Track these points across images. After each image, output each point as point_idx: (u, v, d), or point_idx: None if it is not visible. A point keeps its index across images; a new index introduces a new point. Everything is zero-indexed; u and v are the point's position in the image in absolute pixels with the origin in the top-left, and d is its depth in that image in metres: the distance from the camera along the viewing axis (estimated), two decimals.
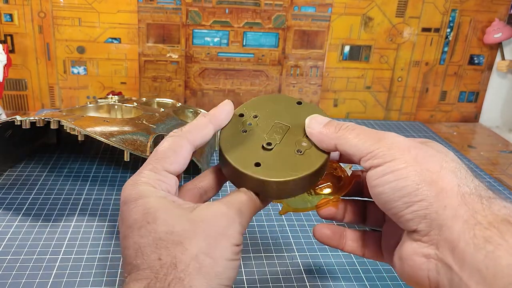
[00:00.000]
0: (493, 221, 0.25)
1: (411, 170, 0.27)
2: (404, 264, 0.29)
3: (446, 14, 0.84)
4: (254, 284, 0.42)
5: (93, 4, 0.76)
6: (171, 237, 0.29)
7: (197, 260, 0.28)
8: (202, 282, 0.28)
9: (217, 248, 0.29)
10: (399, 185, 0.27)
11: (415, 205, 0.27)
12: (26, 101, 0.81)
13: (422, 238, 0.27)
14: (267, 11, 0.80)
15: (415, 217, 0.27)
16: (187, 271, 0.28)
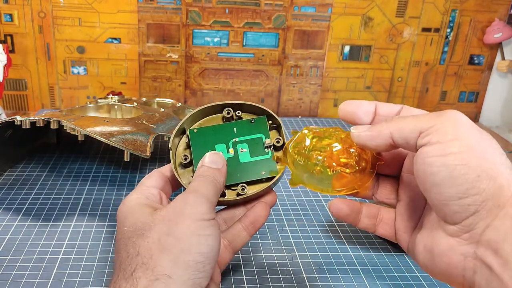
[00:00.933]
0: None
1: (474, 157, 0.25)
2: (437, 259, 0.27)
3: (446, 14, 0.84)
4: (254, 284, 0.42)
5: (93, 4, 0.76)
6: (135, 233, 0.31)
7: (159, 243, 0.30)
8: (166, 260, 0.30)
9: (178, 227, 0.31)
10: (457, 171, 0.24)
11: (470, 198, 0.24)
12: (26, 101, 0.81)
13: (462, 235, 0.25)
14: (267, 11, 0.80)
15: (463, 211, 0.25)
16: (150, 255, 0.30)
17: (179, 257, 0.30)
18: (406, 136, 0.27)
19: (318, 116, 0.89)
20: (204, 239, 0.31)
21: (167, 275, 0.29)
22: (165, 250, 0.30)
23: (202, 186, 0.34)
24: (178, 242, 0.30)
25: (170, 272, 0.29)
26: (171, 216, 0.31)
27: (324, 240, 0.49)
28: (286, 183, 0.60)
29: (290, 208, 0.55)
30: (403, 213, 0.32)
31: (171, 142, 0.38)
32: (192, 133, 0.38)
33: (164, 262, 0.29)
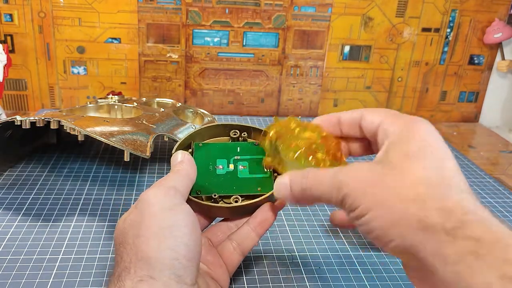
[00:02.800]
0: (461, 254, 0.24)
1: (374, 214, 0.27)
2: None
3: (446, 14, 0.84)
4: (254, 284, 0.42)
5: (93, 4, 0.76)
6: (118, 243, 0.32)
7: (134, 245, 0.31)
8: (143, 262, 0.30)
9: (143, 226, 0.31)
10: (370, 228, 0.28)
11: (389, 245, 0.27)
12: (26, 101, 0.81)
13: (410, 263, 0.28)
14: (267, 11, 0.80)
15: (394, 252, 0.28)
16: (129, 259, 0.30)
17: (151, 257, 0.30)
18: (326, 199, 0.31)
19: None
20: (169, 231, 0.30)
21: (149, 276, 0.29)
22: (139, 252, 0.30)
23: (166, 177, 0.35)
24: (147, 242, 0.30)
25: (150, 273, 0.29)
26: (137, 216, 0.32)
27: (324, 240, 0.49)
28: None
29: (290, 208, 0.55)
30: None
31: (174, 149, 0.38)
32: (197, 146, 0.39)
33: (141, 265, 0.30)
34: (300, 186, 0.32)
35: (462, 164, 0.71)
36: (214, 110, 0.86)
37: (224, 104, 0.86)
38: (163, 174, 0.61)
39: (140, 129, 0.53)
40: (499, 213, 0.57)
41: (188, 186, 0.35)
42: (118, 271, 0.31)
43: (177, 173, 0.35)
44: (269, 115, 0.88)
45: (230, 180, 0.38)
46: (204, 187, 0.37)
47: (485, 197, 0.61)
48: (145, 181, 0.59)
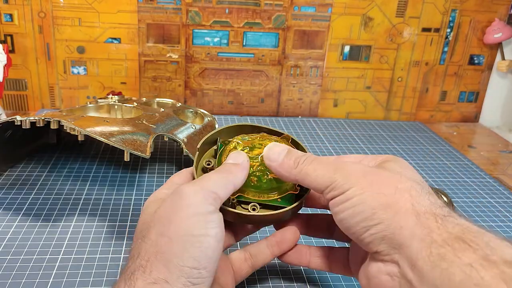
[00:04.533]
0: (447, 239, 0.26)
1: (367, 195, 0.29)
2: (371, 282, 0.30)
3: (446, 14, 0.84)
4: (254, 284, 0.42)
5: (93, 4, 0.76)
6: (141, 233, 0.31)
7: (155, 244, 0.29)
8: (161, 264, 0.28)
9: (171, 225, 0.29)
10: (356, 211, 0.29)
11: (373, 228, 0.28)
12: (26, 101, 0.81)
13: (384, 258, 0.29)
14: (267, 11, 0.80)
15: (374, 239, 0.29)
16: (148, 258, 0.29)
17: (171, 261, 0.28)
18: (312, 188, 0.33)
19: (318, 116, 0.89)
20: (197, 240, 0.29)
21: (164, 279, 0.28)
22: (159, 253, 0.29)
23: (210, 177, 0.32)
24: (170, 244, 0.29)
25: (166, 277, 0.28)
26: (167, 212, 0.30)
27: (324, 240, 0.49)
28: None
29: None
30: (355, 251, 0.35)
31: (200, 144, 0.38)
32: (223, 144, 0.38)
33: (159, 266, 0.28)
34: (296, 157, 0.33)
35: (462, 164, 0.71)
36: (214, 110, 0.86)
37: (224, 104, 0.86)
38: (163, 174, 0.61)
39: (140, 129, 0.53)
40: (499, 213, 0.57)
41: (229, 194, 0.33)
42: (132, 267, 0.29)
43: (225, 176, 0.33)
44: (269, 115, 0.88)
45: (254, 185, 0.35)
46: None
47: (485, 197, 0.61)
48: (145, 181, 0.59)
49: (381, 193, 0.29)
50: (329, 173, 0.31)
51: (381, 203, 0.28)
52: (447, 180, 0.65)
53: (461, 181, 0.66)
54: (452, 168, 0.70)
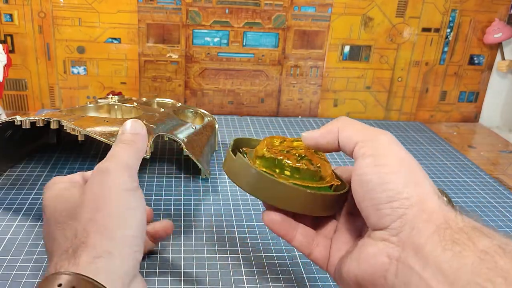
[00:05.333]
0: (464, 227, 0.26)
1: (402, 169, 0.29)
2: (361, 264, 0.29)
3: (446, 14, 0.84)
4: (254, 284, 0.42)
5: (93, 4, 0.76)
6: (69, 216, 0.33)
7: (92, 221, 0.31)
8: (103, 237, 0.31)
9: (105, 202, 0.32)
10: (388, 177, 0.28)
11: (398, 201, 0.28)
12: (26, 101, 0.81)
13: (390, 238, 0.28)
14: (267, 11, 0.80)
15: (393, 213, 0.28)
16: (87, 234, 0.31)
17: (115, 233, 0.31)
18: (347, 141, 0.31)
19: (318, 116, 0.89)
20: (133, 212, 0.32)
21: (107, 251, 0.30)
22: (99, 228, 0.31)
23: (123, 152, 0.35)
24: (110, 218, 0.31)
25: (110, 248, 0.30)
26: (97, 191, 0.33)
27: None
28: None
29: None
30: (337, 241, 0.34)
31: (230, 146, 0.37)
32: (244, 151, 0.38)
33: (101, 240, 0.30)
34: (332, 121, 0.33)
35: (462, 164, 0.71)
36: (214, 110, 0.86)
37: (224, 104, 0.86)
38: (163, 174, 0.61)
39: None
40: (499, 213, 0.57)
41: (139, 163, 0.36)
42: (73, 246, 0.31)
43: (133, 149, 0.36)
44: (269, 115, 0.88)
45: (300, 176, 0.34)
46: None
47: (485, 197, 0.61)
48: (145, 181, 0.59)
49: (412, 171, 0.29)
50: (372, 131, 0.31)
51: (413, 180, 0.28)
52: (447, 180, 0.65)
53: (461, 181, 0.66)
54: (452, 168, 0.70)
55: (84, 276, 0.28)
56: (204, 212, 0.53)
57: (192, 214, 0.52)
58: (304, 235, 0.35)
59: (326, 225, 0.36)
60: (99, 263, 0.29)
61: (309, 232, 0.36)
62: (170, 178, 0.60)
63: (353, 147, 0.31)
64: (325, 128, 0.33)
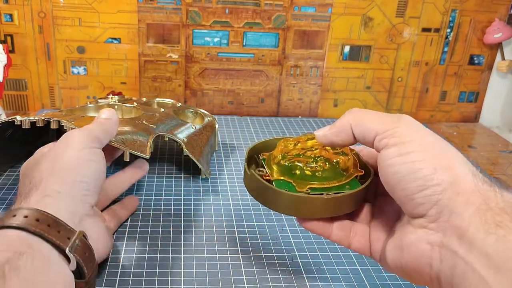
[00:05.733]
0: (505, 207, 0.24)
1: (429, 154, 0.27)
2: (405, 252, 0.28)
3: (446, 14, 0.84)
4: (254, 284, 0.42)
5: (93, 4, 0.76)
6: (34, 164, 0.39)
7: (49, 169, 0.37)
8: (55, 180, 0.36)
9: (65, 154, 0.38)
10: (415, 166, 0.27)
11: (430, 189, 0.26)
12: (26, 101, 0.81)
13: (429, 225, 0.27)
14: (267, 11, 0.80)
15: (427, 201, 0.27)
16: (40, 179, 0.36)
17: (66, 177, 0.37)
18: (364, 135, 0.30)
19: (318, 116, 0.89)
20: (88, 163, 0.38)
21: (56, 191, 0.35)
22: (54, 173, 0.37)
23: (92, 125, 0.42)
24: (65, 166, 0.37)
25: (59, 188, 0.36)
26: (59, 146, 0.39)
27: (324, 240, 0.49)
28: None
29: None
30: (376, 227, 0.33)
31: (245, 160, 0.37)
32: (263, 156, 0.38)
33: (53, 182, 0.36)
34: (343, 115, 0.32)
35: None
36: (214, 110, 0.86)
37: (224, 104, 0.86)
38: (163, 174, 0.61)
39: (140, 129, 0.53)
40: None
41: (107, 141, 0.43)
42: (26, 190, 0.36)
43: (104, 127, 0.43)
44: (269, 115, 0.88)
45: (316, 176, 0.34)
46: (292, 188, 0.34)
47: None
48: (145, 181, 0.59)
49: (442, 155, 0.27)
50: (390, 120, 0.29)
51: (442, 164, 0.27)
52: None
53: None
54: None
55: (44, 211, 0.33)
56: (204, 212, 0.53)
57: (192, 214, 0.52)
58: (340, 228, 0.34)
59: (361, 213, 0.35)
60: (47, 200, 0.35)
61: (346, 224, 0.35)
62: (170, 178, 0.60)
63: (373, 140, 0.29)
64: (337, 125, 0.31)
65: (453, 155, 0.28)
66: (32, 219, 0.33)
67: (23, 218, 0.32)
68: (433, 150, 0.27)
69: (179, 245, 0.47)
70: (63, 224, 0.34)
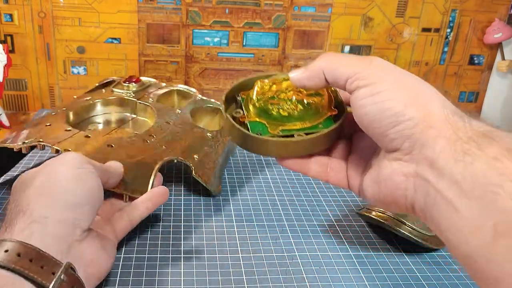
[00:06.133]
0: (473, 136, 0.25)
1: (399, 91, 0.28)
2: (382, 186, 0.30)
3: (446, 14, 0.84)
4: (254, 284, 0.42)
5: (93, 4, 0.76)
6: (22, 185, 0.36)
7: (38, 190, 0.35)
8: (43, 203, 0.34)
9: (56, 175, 0.36)
10: (386, 105, 0.28)
11: (402, 124, 0.27)
12: (26, 101, 0.81)
13: (403, 157, 0.28)
14: (267, 11, 0.80)
15: (400, 136, 0.28)
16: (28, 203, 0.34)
17: (55, 199, 0.34)
18: (336, 79, 0.31)
19: None
20: (79, 183, 0.36)
21: (44, 216, 0.33)
22: (43, 195, 0.34)
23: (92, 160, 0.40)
24: (55, 187, 0.35)
25: (46, 213, 0.33)
26: (50, 167, 0.37)
27: (324, 240, 0.49)
28: (285, 182, 0.60)
29: (290, 208, 0.55)
30: (354, 162, 0.34)
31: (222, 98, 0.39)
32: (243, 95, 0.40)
33: (40, 206, 0.33)
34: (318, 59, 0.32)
35: None
36: None
37: None
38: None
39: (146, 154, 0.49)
40: None
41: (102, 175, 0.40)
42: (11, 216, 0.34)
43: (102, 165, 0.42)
44: None
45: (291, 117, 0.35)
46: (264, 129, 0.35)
47: None
48: None
49: (411, 90, 0.28)
50: (360, 62, 0.30)
51: (412, 100, 0.28)
52: None
53: None
54: None
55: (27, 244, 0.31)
56: (204, 212, 0.53)
57: (192, 214, 0.52)
58: (318, 164, 0.35)
59: (339, 148, 0.36)
60: (33, 227, 0.32)
61: (323, 160, 0.35)
62: (170, 177, 0.60)
63: (345, 83, 0.30)
64: (311, 69, 0.32)
65: (425, 91, 0.29)
66: (13, 254, 0.30)
67: (3, 253, 0.30)
68: (404, 88, 0.28)
69: (179, 245, 0.46)
70: (48, 257, 0.31)
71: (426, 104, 0.28)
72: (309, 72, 0.32)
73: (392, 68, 0.29)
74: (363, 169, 0.33)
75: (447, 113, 0.27)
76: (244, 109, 0.38)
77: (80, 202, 0.35)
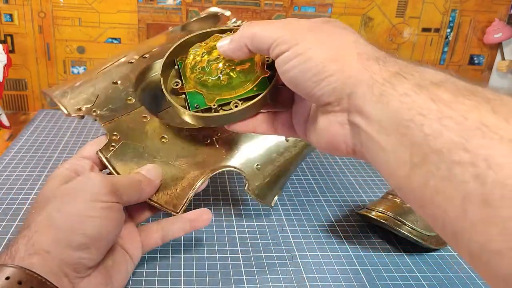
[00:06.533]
0: (387, 77, 0.27)
1: (316, 50, 0.29)
2: (321, 135, 0.32)
3: (446, 14, 0.84)
4: (254, 284, 0.42)
5: (93, 4, 0.76)
6: (38, 204, 0.34)
7: (49, 218, 0.33)
8: (49, 236, 0.32)
9: (69, 204, 0.33)
10: (306, 66, 0.29)
11: (323, 81, 0.29)
12: (26, 101, 0.81)
13: (334, 109, 0.30)
14: (267, 11, 0.80)
15: (325, 92, 0.29)
16: (36, 229, 0.32)
17: (61, 234, 0.32)
18: (258, 49, 0.32)
19: None
20: (90, 220, 0.33)
21: (46, 250, 0.31)
22: (51, 226, 0.32)
23: (120, 179, 0.37)
24: (64, 220, 0.32)
25: (49, 248, 0.31)
26: (69, 191, 0.34)
27: (324, 240, 0.49)
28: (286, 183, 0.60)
29: (290, 208, 0.55)
30: (297, 112, 0.36)
31: (160, 69, 0.39)
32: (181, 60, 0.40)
33: (45, 238, 0.32)
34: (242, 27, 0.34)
35: None
36: None
37: None
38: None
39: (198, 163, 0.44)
40: None
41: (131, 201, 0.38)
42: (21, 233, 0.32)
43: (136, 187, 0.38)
44: None
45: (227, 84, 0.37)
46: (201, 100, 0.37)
47: None
48: None
49: (328, 47, 0.30)
50: (276, 29, 0.31)
51: (330, 56, 0.29)
52: None
53: None
54: None
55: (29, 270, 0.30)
56: None
57: None
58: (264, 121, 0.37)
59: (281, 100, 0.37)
60: (34, 259, 0.31)
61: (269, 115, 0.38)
62: None
63: (268, 52, 0.32)
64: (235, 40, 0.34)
65: (342, 43, 0.30)
66: (14, 282, 0.29)
67: (4, 281, 0.29)
68: (319, 45, 0.30)
69: (179, 245, 0.47)
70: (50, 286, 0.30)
71: (344, 55, 0.29)
72: (234, 44, 0.34)
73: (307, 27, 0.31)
74: (305, 119, 0.35)
75: (363, 59, 0.29)
76: (182, 78, 0.39)
77: (87, 243, 0.32)
